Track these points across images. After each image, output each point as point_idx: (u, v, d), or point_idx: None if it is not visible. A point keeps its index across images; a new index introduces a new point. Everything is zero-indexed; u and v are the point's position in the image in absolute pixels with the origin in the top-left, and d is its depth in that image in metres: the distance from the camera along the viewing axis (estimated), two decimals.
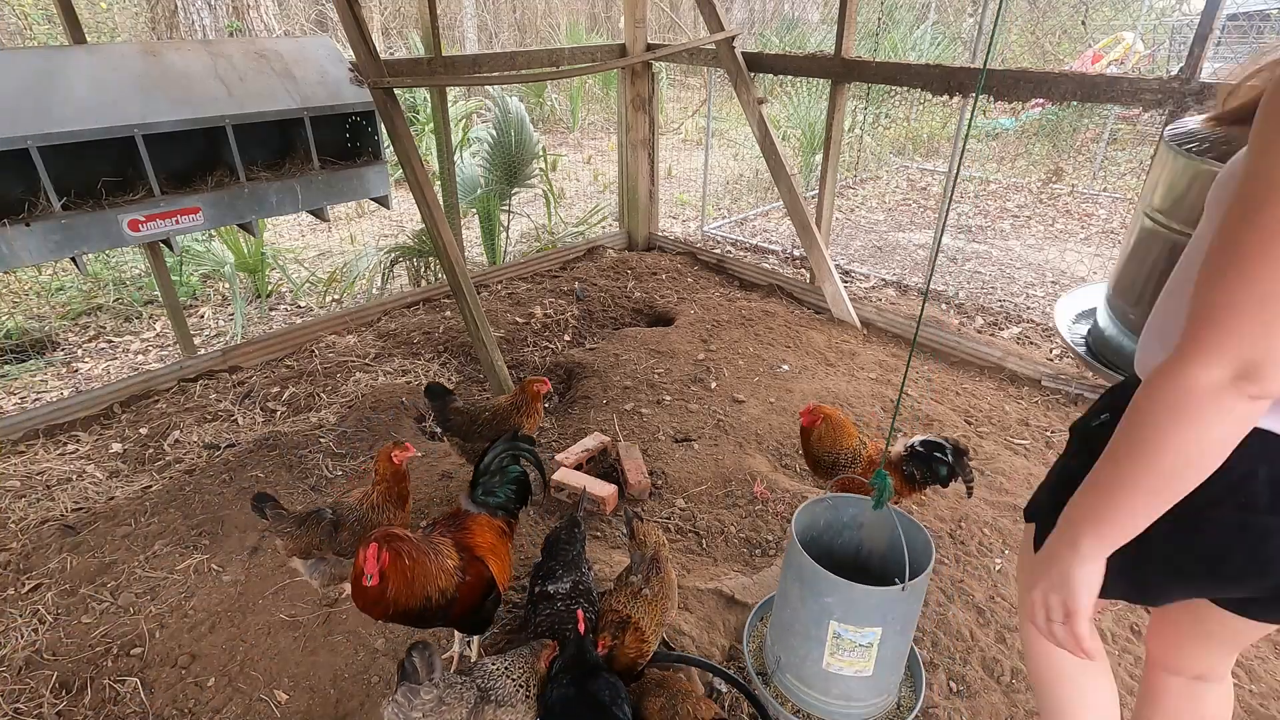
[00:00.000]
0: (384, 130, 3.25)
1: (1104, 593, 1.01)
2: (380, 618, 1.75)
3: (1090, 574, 0.98)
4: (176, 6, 8.05)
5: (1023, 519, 1.33)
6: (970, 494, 2.20)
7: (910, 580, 1.57)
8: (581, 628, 1.72)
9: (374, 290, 5.11)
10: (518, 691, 1.65)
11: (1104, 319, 1.84)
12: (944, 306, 4.62)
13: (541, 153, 5.53)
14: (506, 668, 1.69)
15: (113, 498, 2.72)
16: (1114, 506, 0.94)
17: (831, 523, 1.93)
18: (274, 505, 2.11)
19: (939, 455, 2.16)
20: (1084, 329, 1.94)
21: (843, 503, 1.90)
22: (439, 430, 3.11)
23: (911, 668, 1.97)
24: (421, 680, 1.51)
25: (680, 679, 1.86)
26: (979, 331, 4.20)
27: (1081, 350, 1.82)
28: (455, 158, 4.50)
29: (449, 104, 4.46)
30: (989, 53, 1.13)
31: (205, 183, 3.07)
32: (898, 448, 2.27)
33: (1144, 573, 1.12)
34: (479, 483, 2.07)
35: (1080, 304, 1.98)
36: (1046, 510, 1.15)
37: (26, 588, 2.32)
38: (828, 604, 1.63)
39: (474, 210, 5.27)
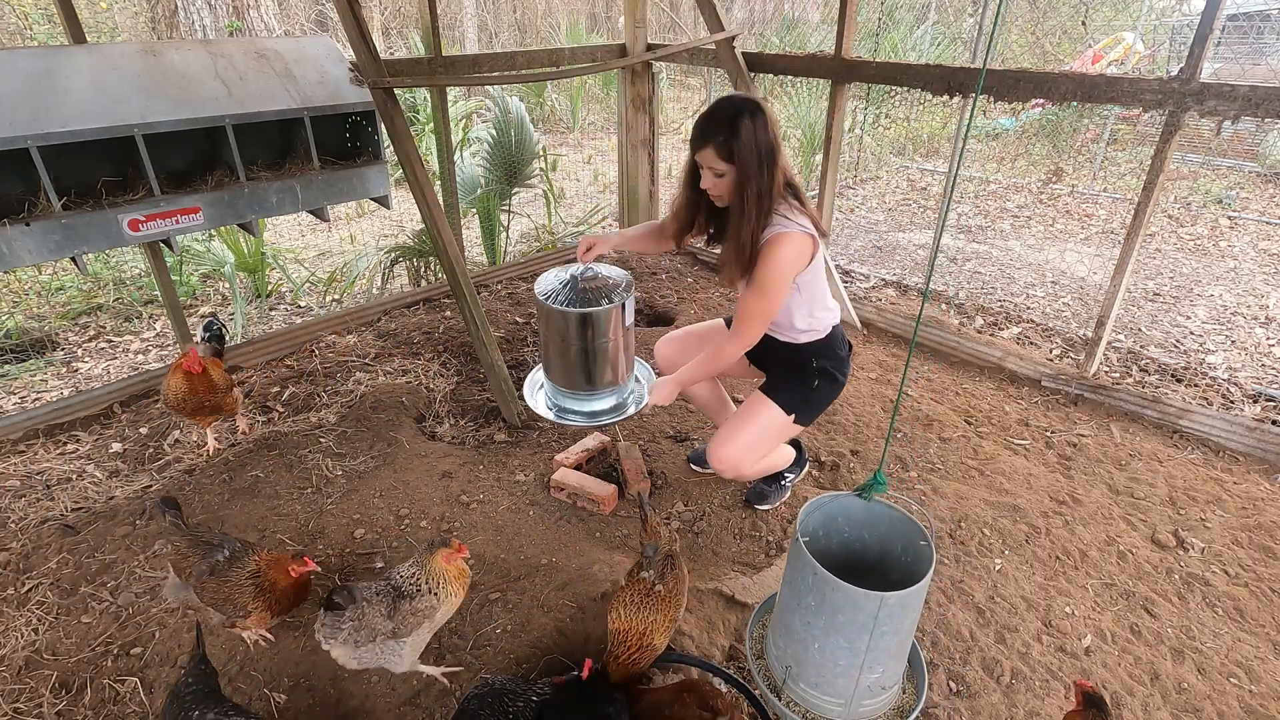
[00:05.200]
0: (384, 130, 3.25)
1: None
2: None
3: (672, 392, 2.31)
4: (176, 6, 8.05)
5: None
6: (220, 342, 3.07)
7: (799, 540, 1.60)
8: (586, 674, 1.70)
9: (374, 290, 5.11)
10: (424, 586, 1.91)
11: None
12: (944, 307, 4.63)
13: (541, 153, 5.53)
14: (413, 571, 1.94)
15: (112, 497, 2.72)
16: (693, 376, 2.31)
17: (849, 521, 1.92)
18: (176, 514, 2.11)
19: (212, 328, 2.95)
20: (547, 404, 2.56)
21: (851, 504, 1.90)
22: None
23: (915, 670, 1.96)
24: (346, 607, 1.87)
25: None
26: (979, 331, 4.20)
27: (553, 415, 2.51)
28: (455, 158, 4.49)
29: (449, 104, 4.46)
30: (988, 54, 1.13)
31: (205, 183, 3.07)
32: (200, 348, 2.93)
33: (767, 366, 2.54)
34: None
35: (541, 404, 2.58)
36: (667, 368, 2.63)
37: (26, 588, 2.32)
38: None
39: (474, 210, 5.27)
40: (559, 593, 2.29)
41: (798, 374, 2.38)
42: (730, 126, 1.97)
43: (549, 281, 2.45)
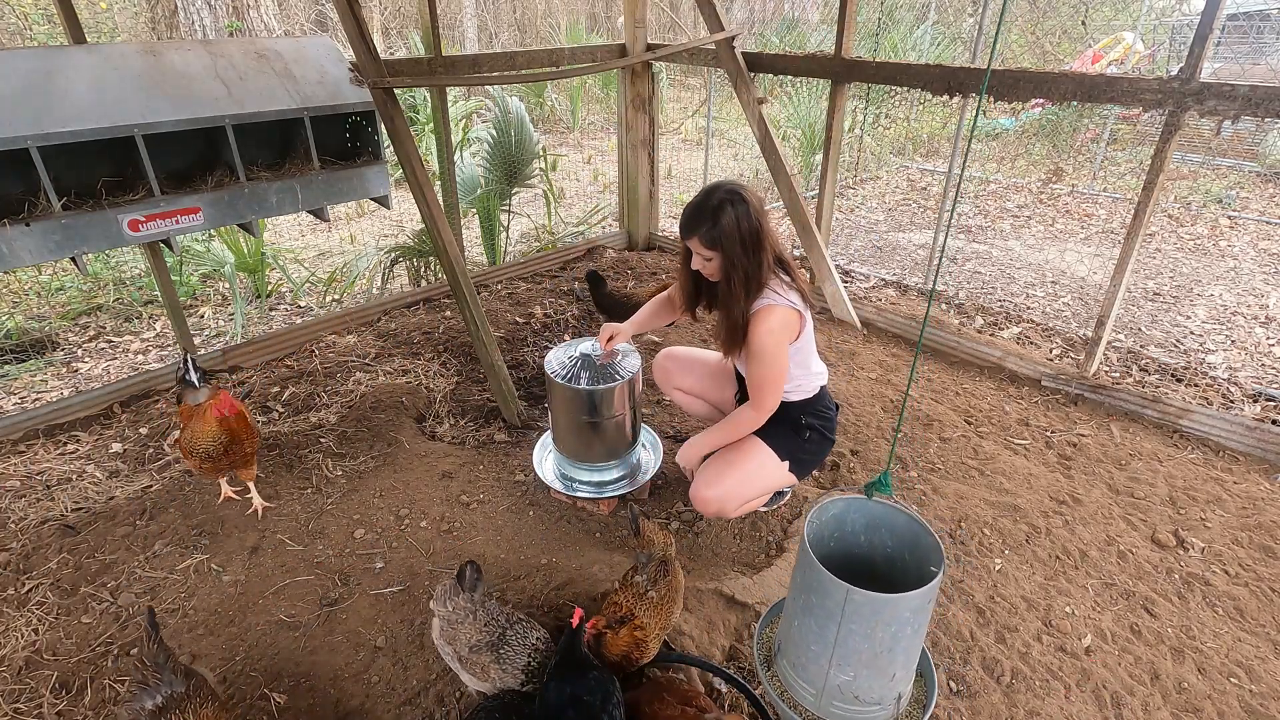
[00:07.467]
0: (384, 130, 3.25)
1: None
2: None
3: (697, 453, 2.44)
4: (176, 6, 8.05)
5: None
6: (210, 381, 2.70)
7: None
8: (575, 621, 1.71)
9: (374, 290, 5.11)
10: (519, 660, 1.79)
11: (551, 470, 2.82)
12: (944, 306, 4.63)
13: (541, 153, 5.53)
14: (530, 642, 1.81)
15: (113, 498, 2.72)
16: (713, 441, 2.41)
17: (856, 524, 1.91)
18: (151, 628, 1.70)
19: (188, 370, 2.59)
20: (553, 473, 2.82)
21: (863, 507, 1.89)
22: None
23: (924, 673, 1.94)
24: (465, 590, 1.84)
25: (679, 681, 1.85)
26: (979, 331, 4.20)
27: (561, 486, 2.72)
28: (455, 158, 4.49)
29: (449, 104, 4.46)
30: (991, 54, 1.13)
31: (205, 183, 3.07)
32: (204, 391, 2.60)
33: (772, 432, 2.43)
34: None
35: (549, 471, 2.82)
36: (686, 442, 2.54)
37: (26, 588, 2.32)
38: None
39: (474, 210, 5.26)
40: (559, 593, 2.29)
41: (788, 426, 2.44)
42: (713, 218, 2.11)
43: (559, 357, 2.60)
